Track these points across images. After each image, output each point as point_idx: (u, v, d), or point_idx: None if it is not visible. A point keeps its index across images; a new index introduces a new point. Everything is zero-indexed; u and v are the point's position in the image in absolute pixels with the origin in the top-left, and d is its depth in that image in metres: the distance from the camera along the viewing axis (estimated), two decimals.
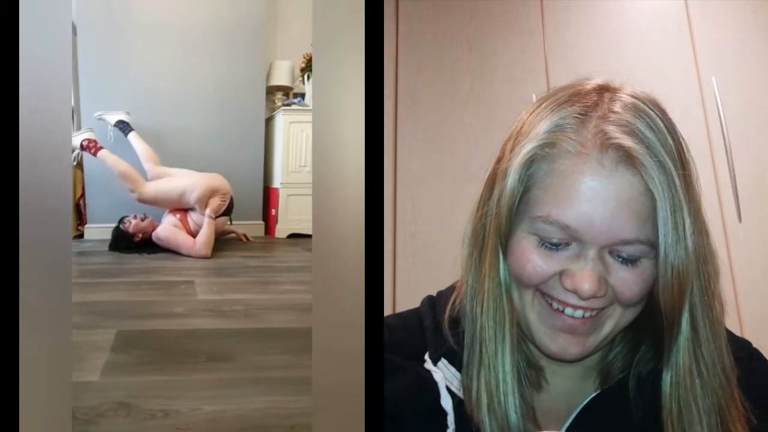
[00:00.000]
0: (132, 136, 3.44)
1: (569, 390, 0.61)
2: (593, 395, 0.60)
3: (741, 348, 0.61)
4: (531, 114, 0.58)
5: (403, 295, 1.77)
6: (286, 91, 4.18)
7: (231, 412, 1.15)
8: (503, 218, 0.56)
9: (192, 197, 3.12)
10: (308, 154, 3.75)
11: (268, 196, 4.03)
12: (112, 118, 3.49)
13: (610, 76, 0.59)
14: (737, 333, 0.63)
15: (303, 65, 3.88)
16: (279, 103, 4.06)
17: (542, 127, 0.55)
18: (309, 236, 3.30)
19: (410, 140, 1.94)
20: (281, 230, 3.86)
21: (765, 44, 1.95)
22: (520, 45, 2.01)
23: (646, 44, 1.98)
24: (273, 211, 3.93)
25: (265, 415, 1.14)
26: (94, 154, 3.25)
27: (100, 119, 3.50)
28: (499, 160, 0.59)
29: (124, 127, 3.47)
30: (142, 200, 3.17)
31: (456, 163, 1.90)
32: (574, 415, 0.59)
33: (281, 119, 3.83)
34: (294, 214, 3.84)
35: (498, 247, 0.57)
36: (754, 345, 0.63)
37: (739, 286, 1.75)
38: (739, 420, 0.54)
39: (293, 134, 3.80)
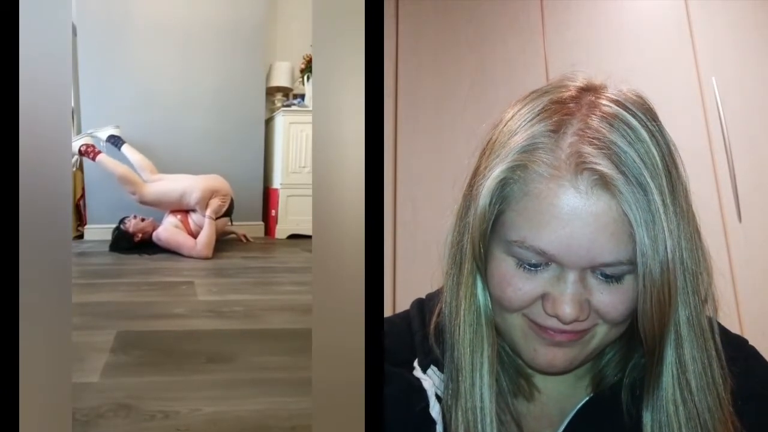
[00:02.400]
0: (125, 149, 3.47)
1: (562, 395, 0.61)
2: (586, 399, 0.59)
3: (736, 347, 0.60)
4: (504, 125, 0.56)
5: (403, 295, 1.77)
6: (285, 92, 4.18)
7: (231, 413, 1.15)
8: (477, 242, 0.55)
9: (192, 198, 3.13)
10: (308, 154, 3.75)
11: (268, 196, 4.03)
12: (103, 134, 3.53)
13: (599, 73, 0.57)
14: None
15: (303, 66, 3.88)
16: (279, 104, 4.07)
17: (513, 145, 0.53)
18: (309, 237, 3.29)
19: (410, 140, 1.94)
20: (281, 231, 3.86)
21: (765, 44, 1.95)
22: (520, 45, 2.01)
23: (646, 44, 1.98)
24: (273, 212, 3.93)
25: (265, 416, 1.14)
26: (93, 159, 3.28)
27: (92, 137, 3.54)
28: (474, 174, 0.57)
29: (116, 141, 3.50)
30: (144, 202, 3.18)
31: (456, 163, 1.89)
32: (568, 420, 0.58)
33: (281, 120, 3.83)
34: (294, 215, 3.84)
35: (475, 273, 0.56)
36: (755, 345, 0.63)
37: (739, 286, 1.75)
38: None
39: (293, 135, 3.80)
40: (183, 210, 3.22)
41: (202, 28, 3.80)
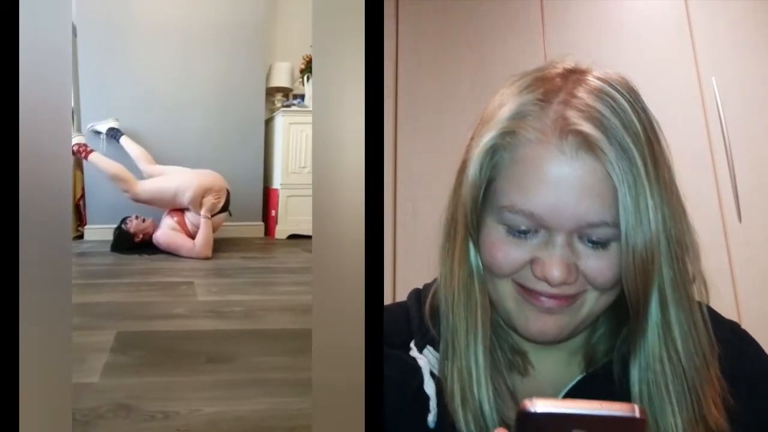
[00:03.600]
0: (124, 140, 3.51)
1: (555, 374, 0.61)
2: (579, 378, 0.59)
3: (730, 330, 0.61)
4: (495, 100, 0.58)
5: (403, 295, 1.76)
6: (285, 92, 4.18)
7: (231, 413, 1.15)
8: (468, 210, 0.56)
9: (185, 198, 3.11)
10: (308, 155, 3.75)
11: (268, 197, 4.03)
12: (103, 126, 3.57)
13: (584, 59, 0.58)
14: None
15: (303, 66, 3.88)
16: (279, 105, 4.07)
17: (503, 114, 0.55)
18: (309, 237, 3.29)
19: (410, 140, 1.94)
20: (281, 231, 3.86)
21: (765, 44, 1.95)
22: (520, 45, 2.01)
23: (646, 44, 1.98)
24: (273, 212, 3.93)
25: (265, 416, 1.14)
26: (85, 158, 3.29)
27: (92, 131, 3.59)
28: (468, 148, 0.59)
29: (115, 133, 3.55)
30: (137, 200, 3.18)
31: (456, 163, 1.89)
32: (561, 398, 0.58)
33: (281, 120, 3.83)
34: (294, 215, 3.84)
35: (468, 239, 0.58)
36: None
37: (739, 286, 1.75)
38: (714, 401, 0.54)
39: (293, 135, 3.80)
40: (179, 209, 3.22)
41: (202, 28, 3.80)
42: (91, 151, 3.30)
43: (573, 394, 0.58)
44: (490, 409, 0.55)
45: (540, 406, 0.37)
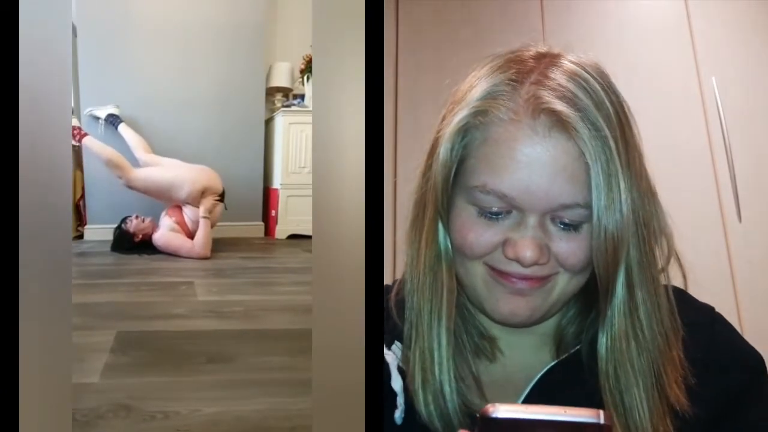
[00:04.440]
0: (122, 128, 3.50)
1: (526, 361, 0.61)
2: (549, 366, 0.59)
3: (704, 313, 0.61)
4: (466, 81, 0.58)
5: None
6: (285, 92, 4.18)
7: (231, 413, 1.15)
8: (439, 190, 0.56)
9: (182, 193, 3.10)
10: (308, 155, 3.75)
11: (268, 197, 4.03)
12: (102, 112, 3.55)
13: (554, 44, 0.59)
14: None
15: (303, 66, 3.88)
16: (279, 105, 4.07)
17: (475, 94, 0.54)
18: (309, 237, 3.30)
19: (410, 140, 1.94)
20: (281, 231, 3.86)
21: (765, 44, 1.95)
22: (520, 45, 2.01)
23: (646, 44, 1.98)
24: (273, 212, 3.93)
25: (265, 416, 1.14)
26: (79, 141, 3.26)
27: (91, 115, 3.57)
28: (438, 130, 0.59)
29: (114, 120, 3.54)
30: (131, 186, 3.16)
31: None
32: (530, 387, 0.58)
33: (281, 120, 3.83)
34: (294, 215, 3.84)
35: (437, 219, 0.57)
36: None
37: (739, 286, 1.75)
38: (676, 380, 0.54)
39: (293, 135, 3.80)
40: (176, 206, 3.21)
41: (202, 29, 3.80)
42: (85, 134, 3.28)
43: (543, 382, 0.58)
44: (450, 391, 0.55)
45: (502, 411, 0.36)
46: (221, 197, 3.25)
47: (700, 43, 1.96)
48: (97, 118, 3.56)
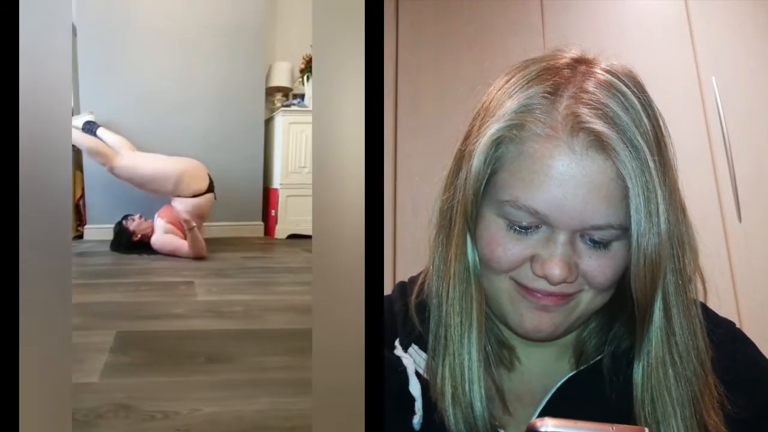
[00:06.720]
0: (101, 132, 3.45)
1: (544, 371, 0.60)
2: (568, 376, 0.59)
3: (723, 329, 0.61)
4: (499, 90, 0.56)
5: None
6: (285, 92, 4.18)
7: (231, 413, 1.15)
8: (469, 202, 0.55)
9: (167, 185, 3.11)
10: (308, 154, 3.75)
11: (268, 196, 4.03)
12: (79, 121, 3.50)
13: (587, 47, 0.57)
14: None
15: (302, 66, 3.88)
16: (278, 104, 4.06)
17: (510, 105, 0.53)
18: (309, 237, 3.29)
19: (410, 140, 1.94)
20: (281, 231, 3.86)
21: (765, 44, 1.95)
22: (520, 45, 2.01)
23: (646, 44, 1.98)
24: (272, 212, 3.93)
25: (264, 416, 1.14)
26: None
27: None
28: (466, 138, 0.58)
29: (91, 126, 3.48)
30: (116, 173, 3.18)
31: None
32: (549, 397, 0.58)
33: (281, 120, 3.83)
34: (294, 215, 3.84)
35: (466, 231, 0.56)
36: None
37: (739, 286, 1.75)
38: (713, 406, 0.53)
39: (293, 135, 3.80)
40: (167, 207, 3.20)
41: (202, 29, 3.79)
42: None
43: (562, 392, 0.58)
44: (481, 409, 0.54)
45: (551, 426, 0.36)
46: (210, 189, 3.24)
47: (700, 43, 1.96)
48: (75, 128, 3.49)
